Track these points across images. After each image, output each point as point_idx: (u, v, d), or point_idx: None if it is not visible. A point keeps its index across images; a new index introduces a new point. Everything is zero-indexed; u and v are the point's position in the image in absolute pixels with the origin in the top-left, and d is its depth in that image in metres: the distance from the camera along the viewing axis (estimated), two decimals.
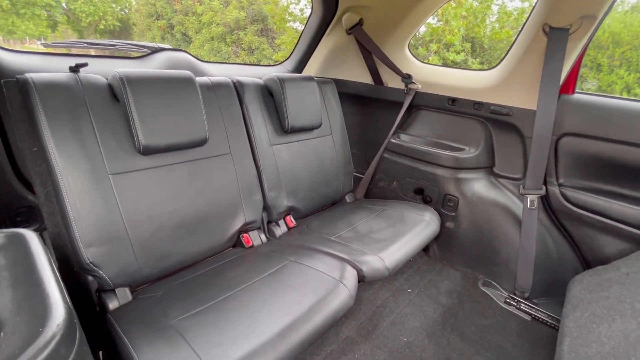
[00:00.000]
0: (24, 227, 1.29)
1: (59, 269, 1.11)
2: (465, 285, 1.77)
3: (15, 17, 9.59)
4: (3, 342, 0.48)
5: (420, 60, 2.01)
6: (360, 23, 1.92)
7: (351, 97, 2.22)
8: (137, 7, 11.46)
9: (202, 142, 1.31)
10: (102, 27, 11.34)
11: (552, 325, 1.53)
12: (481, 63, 7.09)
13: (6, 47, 1.30)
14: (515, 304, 1.65)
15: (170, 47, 1.72)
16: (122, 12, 12.12)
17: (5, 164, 1.24)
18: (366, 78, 2.13)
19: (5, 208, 1.27)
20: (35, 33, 9.88)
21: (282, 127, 1.68)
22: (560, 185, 1.61)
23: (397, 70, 1.93)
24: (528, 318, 1.57)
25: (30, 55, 1.35)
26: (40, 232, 1.32)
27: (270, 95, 1.69)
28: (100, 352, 0.94)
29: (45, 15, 10.33)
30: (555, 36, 1.40)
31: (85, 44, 1.46)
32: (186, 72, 1.30)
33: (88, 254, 1.05)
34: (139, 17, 11.27)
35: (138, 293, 1.18)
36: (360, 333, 1.44)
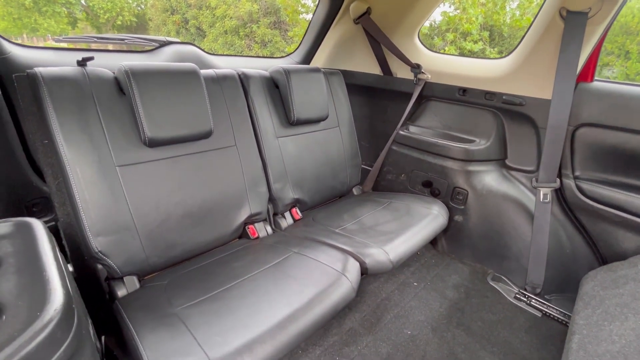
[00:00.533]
0: (39, 217, 1.35)
1: (71, 258, 1.16)
2: (473, 280, 1.74)
3: (37, 15, 9.91)
4: (4, 325, 0.51)
5: (430, 50, 1.95)
6: (368, 12, 1.88)
7: (359, 88, 2.19)
8: (153, 2, 11.63)
9: (207, 135, 1.32)
10: (119, 22, 11.58)
11: (564, 322, 1.49)
12: (500, 52, 6.84)
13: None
14: (525, 299, 1.61)
15: (178, 40, 1.74)
16: (139, 8, 12.33)
17: (21, 156, 1.29)
18: (374, 69, 2.09)
19: (21, 199, 1.32)
20: (56, 30, 10.19)
21: (288, 119, 1.67)
22: (576, 178, 1.54)
23: (406, 60, 1.88)
24: (538, 314, 1.53)
25: (43, 51, 1.39)
26: (55, 222, 1.37)
27: (276, 87, 1.68)
28: (103, 337, 0.98)
29: (66, 12, 10.64)
30: (572, 20, 1.33)
31: (95, 39, 1.49)
32: (190, 65, 1.30)
33: (96, 243, 1.09)
34: (155, 12, 11.45)
35: (145, 282, 1.22)
36: (364, 325, 1.44)
